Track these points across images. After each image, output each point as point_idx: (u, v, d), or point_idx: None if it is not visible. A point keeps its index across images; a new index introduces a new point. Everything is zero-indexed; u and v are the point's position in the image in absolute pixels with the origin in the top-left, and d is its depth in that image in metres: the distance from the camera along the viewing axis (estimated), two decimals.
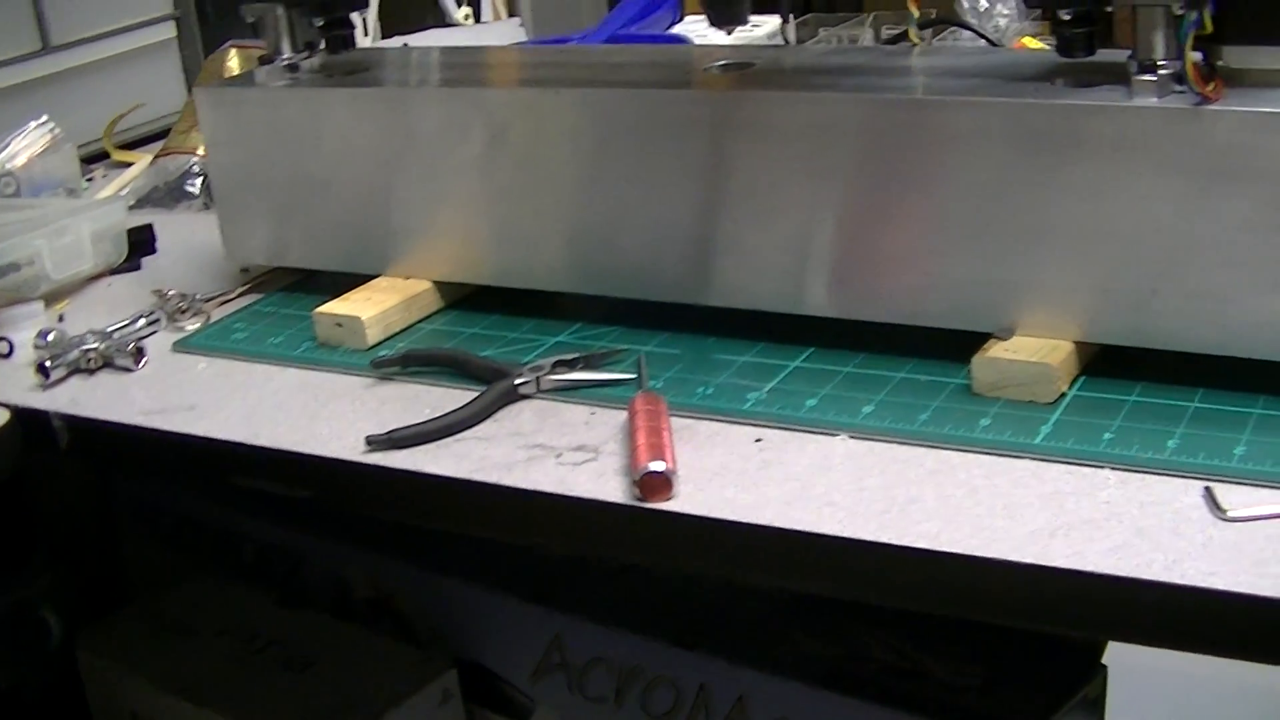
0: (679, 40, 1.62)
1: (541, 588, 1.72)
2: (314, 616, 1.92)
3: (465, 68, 1.84)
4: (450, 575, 1.80)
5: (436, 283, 1.67)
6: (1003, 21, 2.30)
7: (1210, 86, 1.25)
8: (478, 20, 2.71)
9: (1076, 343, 1.34)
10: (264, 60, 1.78)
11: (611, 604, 1.68)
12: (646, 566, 1.30)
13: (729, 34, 1.45)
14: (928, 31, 2.28)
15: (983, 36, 2.06)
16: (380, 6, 2.61)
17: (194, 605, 1.99)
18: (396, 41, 2.60)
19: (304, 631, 1.90)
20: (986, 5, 2.33)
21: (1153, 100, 1.28)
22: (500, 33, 2.58)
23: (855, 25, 2.40)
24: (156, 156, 2.35)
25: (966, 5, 2.36)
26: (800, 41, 2.40)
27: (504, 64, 1.85)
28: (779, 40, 2.26)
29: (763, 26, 2.34)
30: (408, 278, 1.68)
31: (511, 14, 2.72)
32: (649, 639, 1.63)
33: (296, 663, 1.85)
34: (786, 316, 1.48)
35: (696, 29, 2.33)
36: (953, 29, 2.22)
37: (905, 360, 1.42)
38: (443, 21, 2.69)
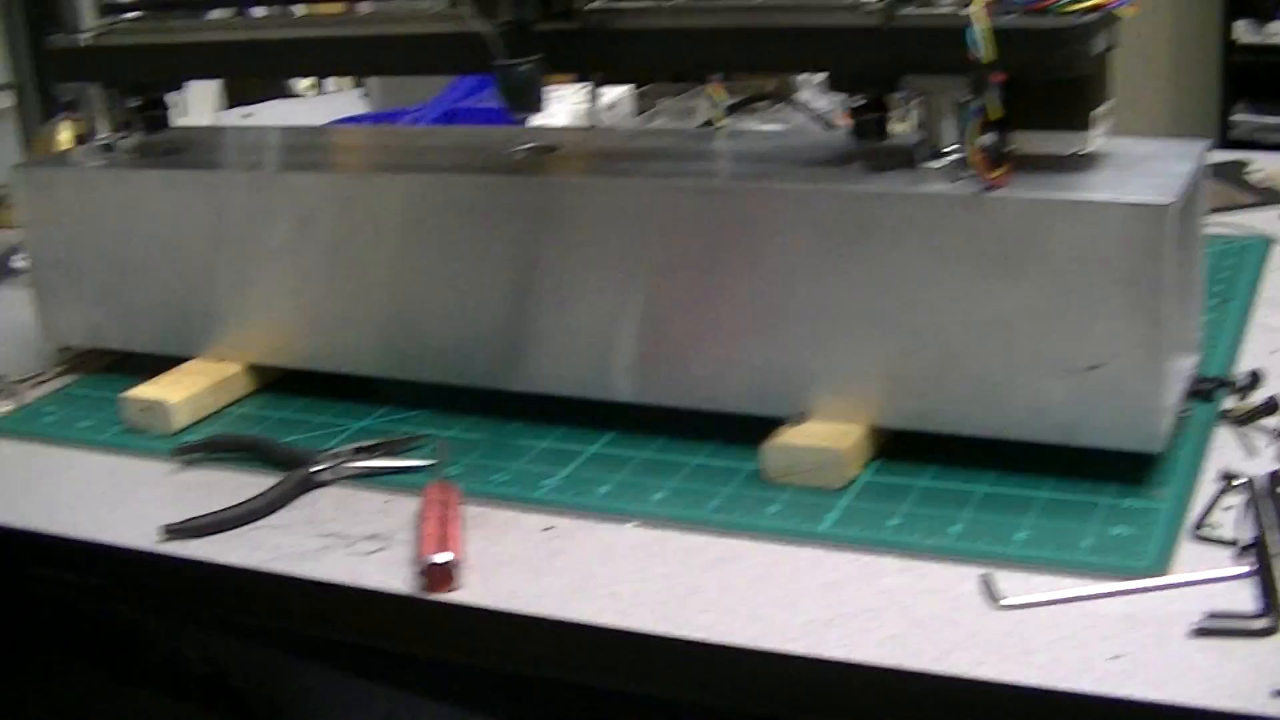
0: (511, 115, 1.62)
1: (375, 664, 1.71)
2: (148, 695, 1.89)
3: (278, 150, 1.84)
4: (284, 651, 1.79)
5: (247, 366, 1.66)
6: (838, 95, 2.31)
7: (998, 173, 1.27)
8: (321, 91, 2.70)
9: (868, 427, 1.35)
10: (81, 139, 1.77)
11: (446, 680, 1.67)
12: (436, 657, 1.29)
13: (523, 122, 1.45)
14: (763, 104, 2.30)
15: (808, 112, 2.07)
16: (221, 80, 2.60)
17: (24, 685, 1.96)
18: (238, 112, 2.59)
19: (138, 710, 1.87)
20: (822, 77, 2.35)
21: (940, 186, 1.29)
22: (342, 104, 2.58)
23: (693, 96, 2.41)
24: None
25: (804, 77, 2.38)
26: (641, 111, 2.41)
27: (318, 147, 1.85)
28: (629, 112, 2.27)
29: (602, 99, 2.34)
30: (221, 360, 1.66)
31: (357, 84, 2.71)
32: (481, 716, 1.62)
33: None
34: (589, 401, 1.47)
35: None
36: (782, 104, 2.23)
37: (703, 445, 1.42)
38: (286, 92, 2.69)
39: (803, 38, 1.36)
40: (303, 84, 2.74)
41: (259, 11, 1.86)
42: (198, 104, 2.47)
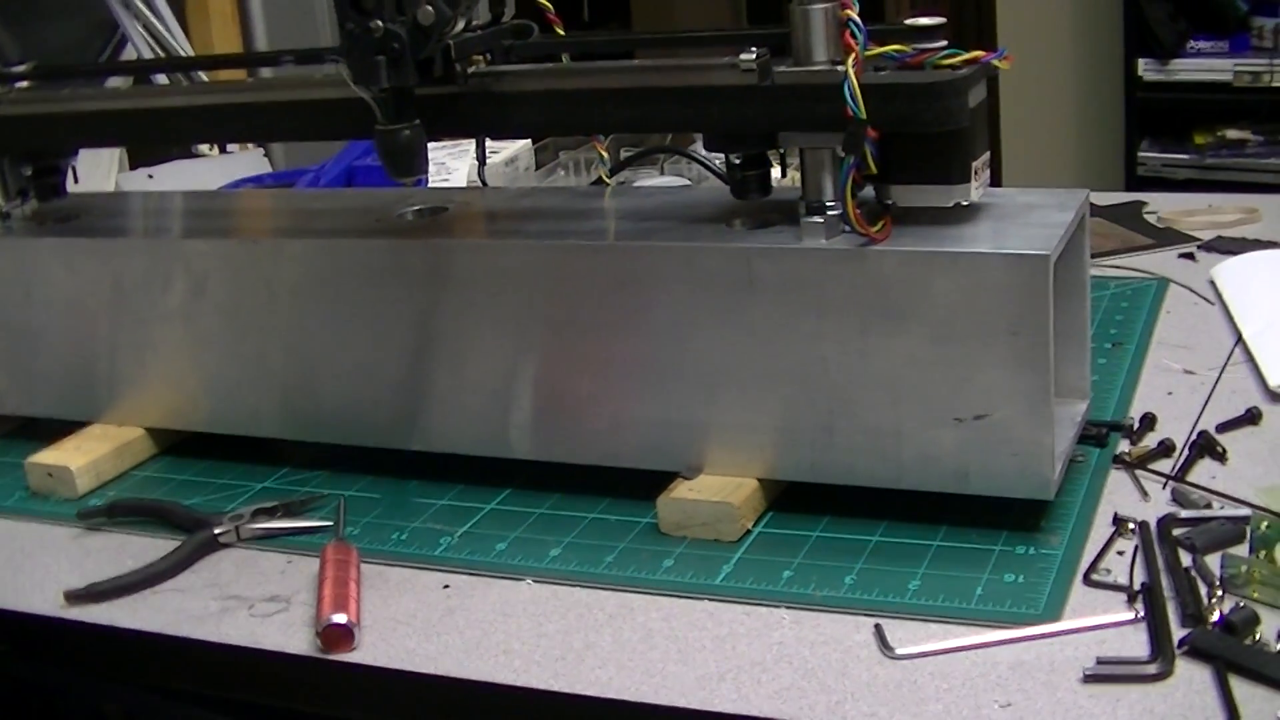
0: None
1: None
2: None
3: (173, 215, 1.84)
4: (203, 710, 1.78)
5: (149, 429, 1.66)
6: None
7: (877, 227, 1.28)
8: (223, 151, 2.70)
9: (761, 480, 1.37)
10: None
11: None
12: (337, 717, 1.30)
13: (411, 184, 1.46)
14: (661, 156, 2.31)
15: (704, 164, 2.09)
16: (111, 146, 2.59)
17: None
18: (141, 173, 2.58)
19: None
20: None
21: (820, 242, 1.31)
22: (243, 164, 2.58)
23: (592, 148, 2.42)
24: None
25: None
26: (540, 164, 2.42)
27: (211, 212, 1.85)
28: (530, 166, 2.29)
29: (501, 153, 2.36)
30: (122, 424, 1.67)
31: (258, 145, 2.71)
32: None
33: None
34: (486, 458, 1.48)
35: (441, 154, 2.34)
36: (679, 156, 2.25)
37: (599, 500, 1.44)
38: (189, 152, 2.68)
39: (681, 97, 1.37)
40: (204, 145, 2.74)
41: (160, 78, 1.87)
42: (98, 167, 2.47)
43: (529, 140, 2.40)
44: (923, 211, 1.32)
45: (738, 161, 1.39)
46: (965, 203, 1.31)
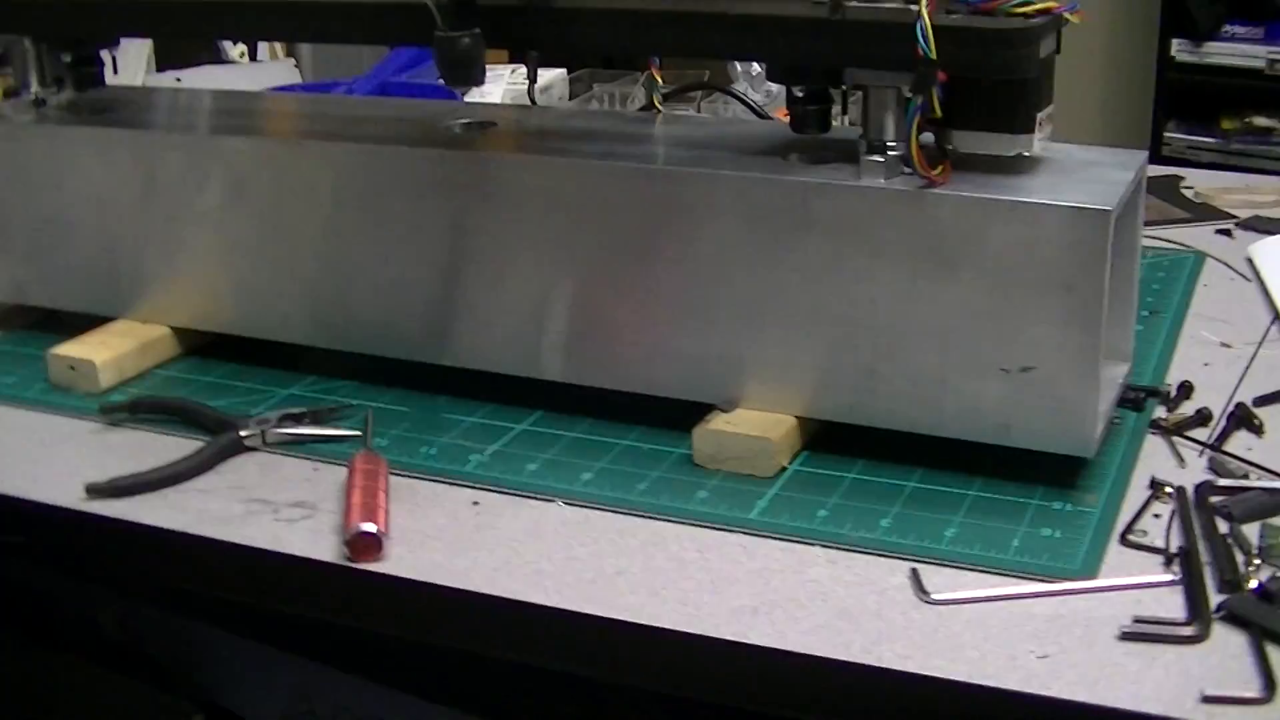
0: (447, 93, 1.61)
1: (291, 632, 1.70)
2: (61, 658, 1.88)
3: (211, 114, 1.82)
4: (200, 619, 1.77)
5: (175, 329, 1.64)
6: (773, 88, 2.32)
7: (937, 170, 1.27)
8: (253, 59, 2.68)
9: (799, 418, 1.35)
10: (10, 93, 1.74)
11: (361, 652, 1.66)
12: (356, 626, 1.29)
13: (463, 95, 1.44)
14: (699, 93, 2.29)
15: (744, 103, 2.07)
16: (155, 40, 2.58)
17: None
18: (169, 76, 2.56)
19: (50, 674, 1.86)
20: (759, 70, 2.35)
21: (879, 181, 1.29)
22: (274, 73, 2.56)
23: (629, 83, 2.41)
24: None
25: (740, 69, 2.38)
26: (574, 96, 2.40)
27: (252, 112, 1.83)
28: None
29: (542, 77, 2.34)
30: (147, 322, 1.65)
31: (289, 54, 2.69)
32: (396, 692, 1.61)
33: (41, 705, 1.80)
34: (519, 379, 1.47)
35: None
36: (717, 94, 2.23)
37: (632, 428, 1.42)
38: (218, 58, 2.66)
39: (748, 25, 1.35)
40: (234, 51, 2.72)
41: None
42: (129, 64, 2.45)
43: (564, 69, 2.38)
44: (982, 159, 1.30)
45: (800, 95, 1.37)
46: (1027, 153, 1.30)
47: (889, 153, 1.30)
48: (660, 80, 1.62)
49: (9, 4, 1.69)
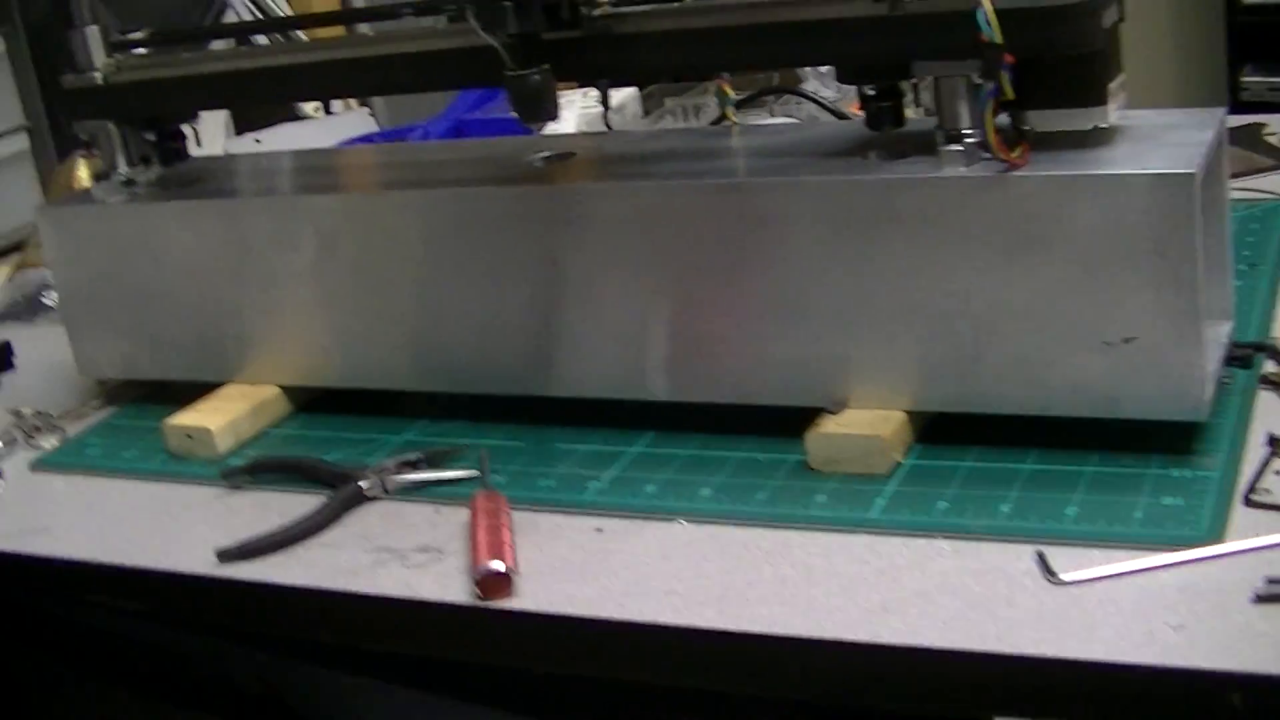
0: (520, 125, 1.63)
1: (428, 675, 1.72)
2: (203, 718, 1.90)
3: (296, 173, 1.85)
4: (338, 668, 1.79)
5: (283, 388, 1.67)
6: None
7: (1016, 153, 1.27)
8: (328, 113, 2.71)
9: (908, 412, 1.36)
10: (100, 176, 1.78)
11: (499, 691, 1.67)
12: (491, 663, 1.31)
13: (534, 132, 1.46)
14: (771, 98, 2.30)
15: (818, 103, 2.08)
16: (233, 109, 2.61)
17: (83, 714, 1.97)
18: (248, 138, 2.59)
19: None
20: (828, 68, 2.36)
21: (960, 170, 1.30)
22: (350, 124, 2.59)
23: (699, 94, 2.42)
24: (13, 270, 2.33)
25: (809, 69, 2.38)
26: (647, 113, 2.42)
27: (334, 168, 1.86)
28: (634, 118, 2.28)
29: (613, 97, 2.35)
30: (256, 384, 1.67)
31: (362, 104, 2.72)
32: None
33: None
34: (626, 403, 1.48)
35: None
36: (789, 96, 2.24)
37: (744, 440, 1.43)
38: (294, 116, 2.69)
39: (810, 31, 1.36)
40: (309, 106, 2.75)
41: (261, 40, 1.88)
42: (208, 133, 2.48)
43: (635, 88, 2.39)
44: (1060, 136, 1.31)
45: (872, 94, 1.38)
46: (1103, 125, 1.30)
47: (966, 140, 1.31)
48: (731, 93, 1.63)
49: (92, 91, 1.73)
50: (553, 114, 1.42)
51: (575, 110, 2.28)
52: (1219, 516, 1.19)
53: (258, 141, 2.57)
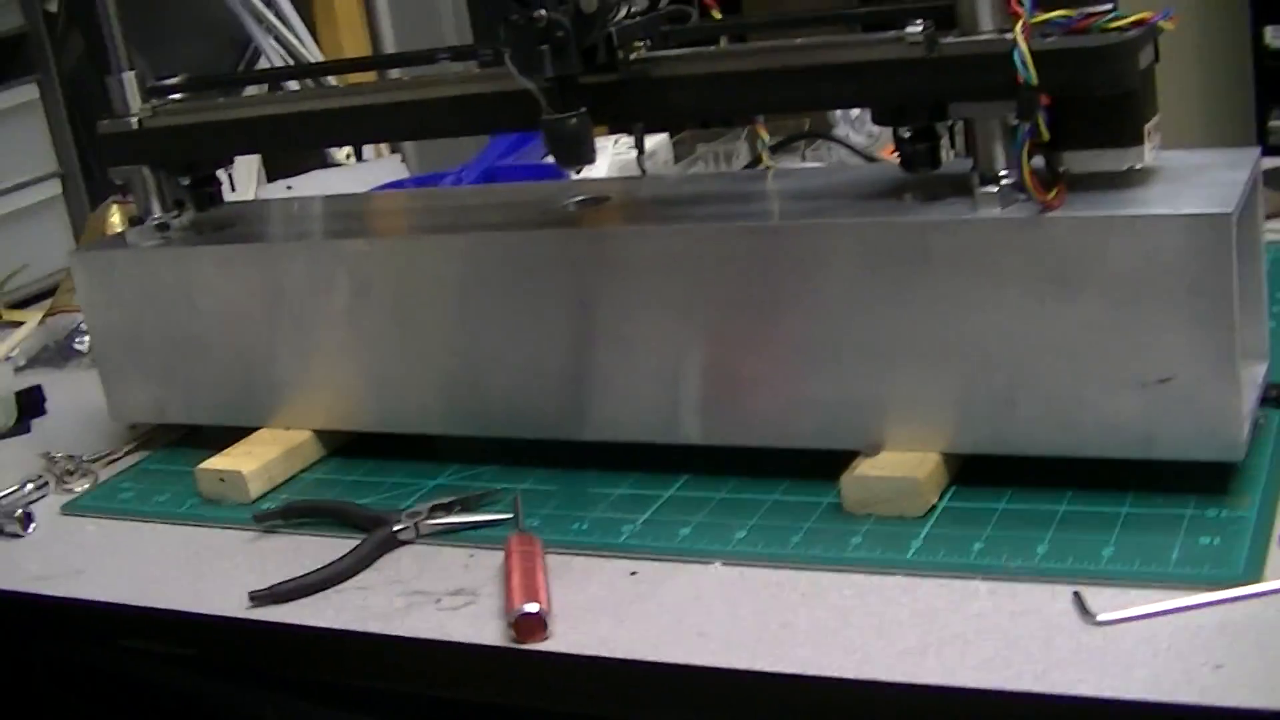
0: (553, 170, 1.64)
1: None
2: None
3: (330, 218, 1.86)
4: (371, 713, 1.79)
5: (316, 432, 1.67)
6: (875, 129, 2.32)
7: (1052, 194, 1.27)
8: (359, 159, 2.72)
9: (943, 454, 1.36)
10: (134, 221, 1.79)
11: None
12: (527, 706, 1.31)
13: (577, 172, 1.47)
14: (802, 143, 2.31)
15: (849, 147, 2.09)
16: (266, 154, 2.63)
17: None
18: (280, 185, 2.61)
19: None
20: (859, 112, 2.36)
21: (995, 211, 1.30)
22: (381, 171, 2.60)
23: (731, 140, 2.42)
24: (45, 315, 2.34)
25: (839, 114, 2.39)
26: (679, 159, 2.42)
27: (368, 212, 1.87)
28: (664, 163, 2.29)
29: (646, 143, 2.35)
30: (288, 428, 1.68)
31: (394, 150, 2.74)
32: None
33: None
34: (660, 446, 1.48)
35: None
36: (821, 141, 2.24)
37: (778, 482, 1.43)
38: (325, 162, 2.71)
39: (847, 73, 1.37)
40: (340, 153, 2.76)
41: (293, 85, 1.89)
42: (241, 179, 2.50)
43: (667, 134, 2.40)
44: (1096, 176, 1.31)
45: (907, 135, 1.38)
46: (1139, 166, 1.30)
47: (1002, 182, 1.30)
48: (766, 136, 1.63)
49: (127, 136, 1.74)
50: (590, 158, 1.42)
51: (607, 156, 2.28)
52: (1256, 556, 1.18)
53: (289, 188, 2.59)
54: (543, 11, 1.35)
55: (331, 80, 1.91)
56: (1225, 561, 1.18)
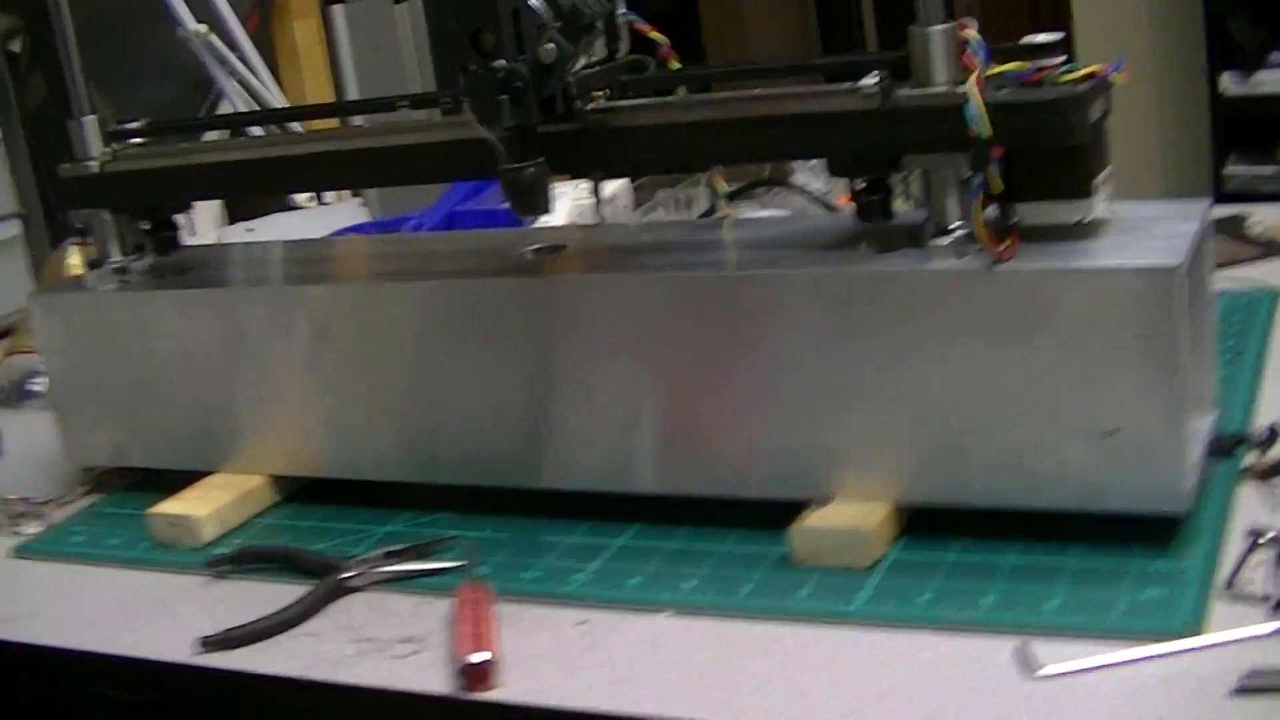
0: (514, 216, 1.64)
1: None
2: None
3: (288, 264, 1.86)
4: None
5: (271, 476, 1.67)
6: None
7: (1004, 245, 1.28)
8: (321, 202, 2.72)
9: (893, 505, 1.36)
10: (93, 264, 1.79)
11: None
12: None
13: (528, 223, 1.47)
14: (762, 189, 2.31)
15: (808, 195, 2.09)
16: (227, 199, 2.62)
17: None
18: (241, 226, 2.60)
19: None
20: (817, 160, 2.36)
21: (948, 262, 1.31)
22: (343, 215, 2.59)
23: (691, 185, 2.43)
24: (3, 356, 2.33)
25: (799, 161, 2.39)
26: (638, 204, 2.42)
27: (326, 258, 1.87)
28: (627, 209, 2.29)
29: (605, 189, 2.36)
30: (244, 473, 1.68)
31: (355, 194, 2.74)
32: None
33: None
34: (614, 495, 1.49)
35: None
36: (780, 188, 2.24)
37: (730, 532, 1.43)
38: (287, 205, 2.71)
39: (802, 125, 1.38)
40: (302, 196, 2.76)
41: (256, 131, 1.89)
42: (202, 222, 2.50)
43: (627, 179, 2.40)
44: (1048, 228, 1.32)
45: (861, 186, 1.39)
46: (1090, 218, 1.31)
47: (955, 233, 1.32)
48: (723, 185, 1.64)
49: (87, 180, 1.75)
50: (546, 208, 1.43)
51: (567, 201, 2.28)
52: (1199, 609, 1.19)
53: (250, 230, 2.58)
54: (501, 61, 1.35)
55: (297, 127, 1.92)
56: (1169, 614, 1.19)
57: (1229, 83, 4.44)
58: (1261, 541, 1.26)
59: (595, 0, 1.43)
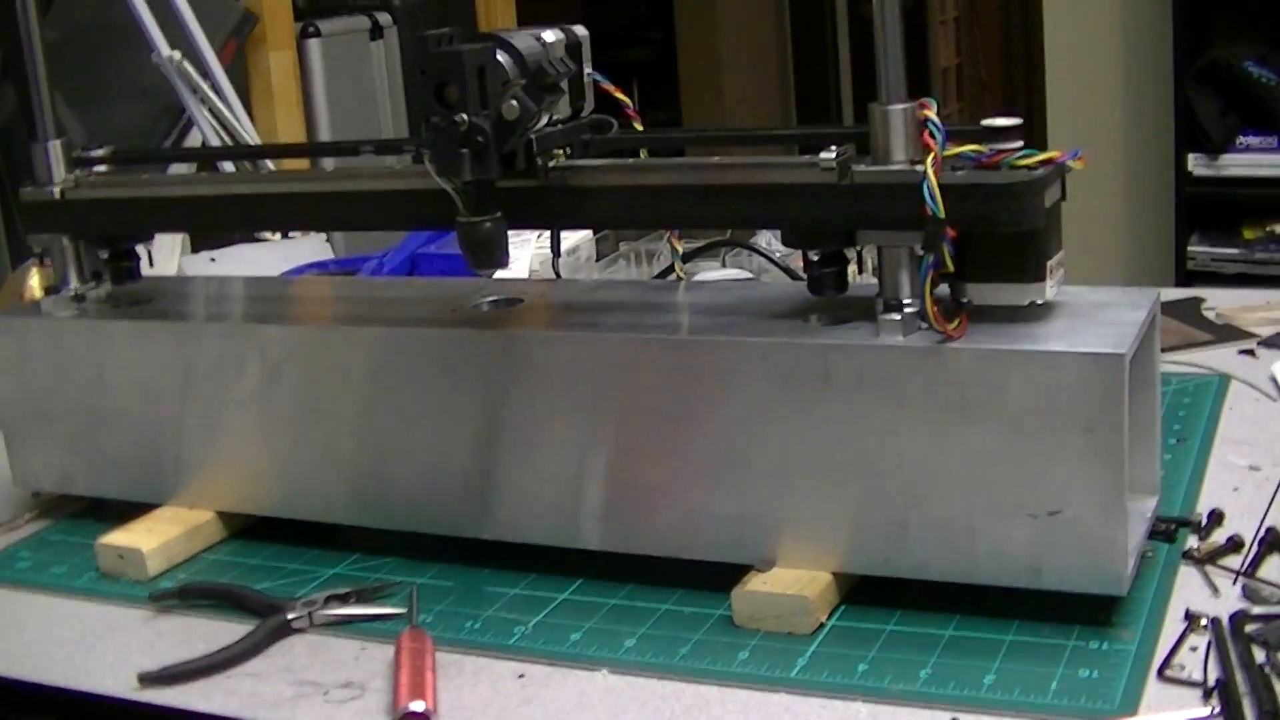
0: None
1: None
2: None
3: (245, 301, 1.86)
4: None
5: (220, 513, 1.67)
6: None
7: (954, 324, 1.30)
8: (285, 235, 2.73)
9: (835, 573, 1.37)
10: (50, 290, 1.79)
11: None
12: None
13: (490, 275, 1.48)
14: (726, 248, 2.33)
15: (768, 258, 2.11)
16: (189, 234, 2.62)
17: None
18: (204, 256, 2.61)
19: None
20: None
21: (897, 338, 1.32)
22: (306, 250, 2.60)
23: (654, 239, 2.44)
24: None
25: None
26: (600, 256, 2.44)
27: (283, 297, 1.88)
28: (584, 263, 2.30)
29: (563, 243, 2.37)
30: (192, 507, 1.68)
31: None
32: None
33: None
34: (558, 548, 1.49)
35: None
36: (740, 250, 2.26)
37: (672, 591, 1.44)
38: (250, 237, 2.71)
39: (759, 194, 1.40)
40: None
41: (227, 166, 1.90)
42: (164, 250, 2.49)
43: (590, 231, 2.42)
44: (998, 309, 1.33)
45: (816, 258, 1.40)
46: (1041, 301, 1.33)
47: (906, 309, 1.33)
48: (680, 248, 1.65)
49: (49, 205, 1.75)
50: (502, 262, 1.43)
51: (529, 249, 2.30)
52: (1132, 690, 1.20)
53: (213, 260, 2.59)
54: (464, 115, 1.37)
55: (269, 165, 1.92)
56: (1102, 695, 1.20)
57: (1196, 164, 4.49)
58: (1197, 625, 1.28)
59: (561, 60, 1.45)
